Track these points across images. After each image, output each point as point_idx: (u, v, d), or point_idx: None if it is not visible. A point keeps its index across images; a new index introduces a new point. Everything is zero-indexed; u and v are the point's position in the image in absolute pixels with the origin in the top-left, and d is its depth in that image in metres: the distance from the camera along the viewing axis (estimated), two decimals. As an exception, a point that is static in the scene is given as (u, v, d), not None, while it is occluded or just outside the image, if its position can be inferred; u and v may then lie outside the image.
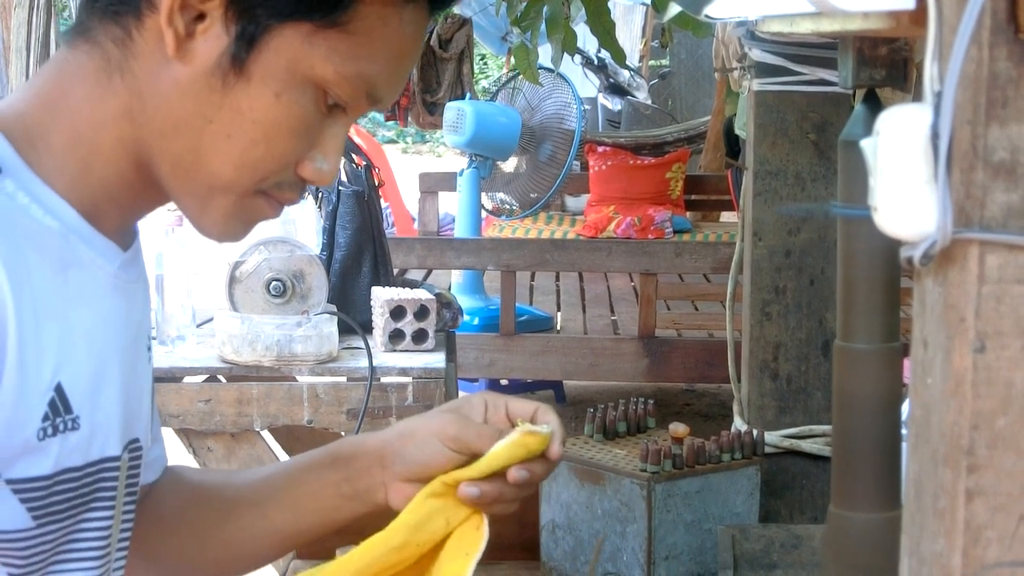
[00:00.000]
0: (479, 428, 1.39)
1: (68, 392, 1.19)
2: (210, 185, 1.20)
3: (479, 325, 5.65)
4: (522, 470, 1.36)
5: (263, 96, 1.16)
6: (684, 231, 7.34)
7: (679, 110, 11.35)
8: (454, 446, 1.38)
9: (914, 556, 0.74)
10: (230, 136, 1.17)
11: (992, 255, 0.69)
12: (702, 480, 1.93)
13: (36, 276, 1.15)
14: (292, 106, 1.17)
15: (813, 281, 2.19)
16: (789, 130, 2.18)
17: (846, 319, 1.22)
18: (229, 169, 1.18)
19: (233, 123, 1.17)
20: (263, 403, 3.14)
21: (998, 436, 0.70)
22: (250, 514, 1.47)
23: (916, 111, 0.71)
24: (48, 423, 1.17)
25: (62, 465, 1.19)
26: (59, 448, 1.19)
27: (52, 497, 1.19)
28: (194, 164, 1.19)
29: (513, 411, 1.42)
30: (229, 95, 1.16)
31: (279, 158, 1.19)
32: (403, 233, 8.01)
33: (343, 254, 3.43)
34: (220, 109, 1.17)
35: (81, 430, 1.21)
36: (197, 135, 1.18)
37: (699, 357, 5.47)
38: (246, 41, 1.15)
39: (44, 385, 1.16)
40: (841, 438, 1.25)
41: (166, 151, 1.19)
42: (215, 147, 1.18)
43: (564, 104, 6.56)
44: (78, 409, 1.20)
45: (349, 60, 1.17)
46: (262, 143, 1.18)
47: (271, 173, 1.20)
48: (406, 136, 20.67)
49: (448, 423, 1.39)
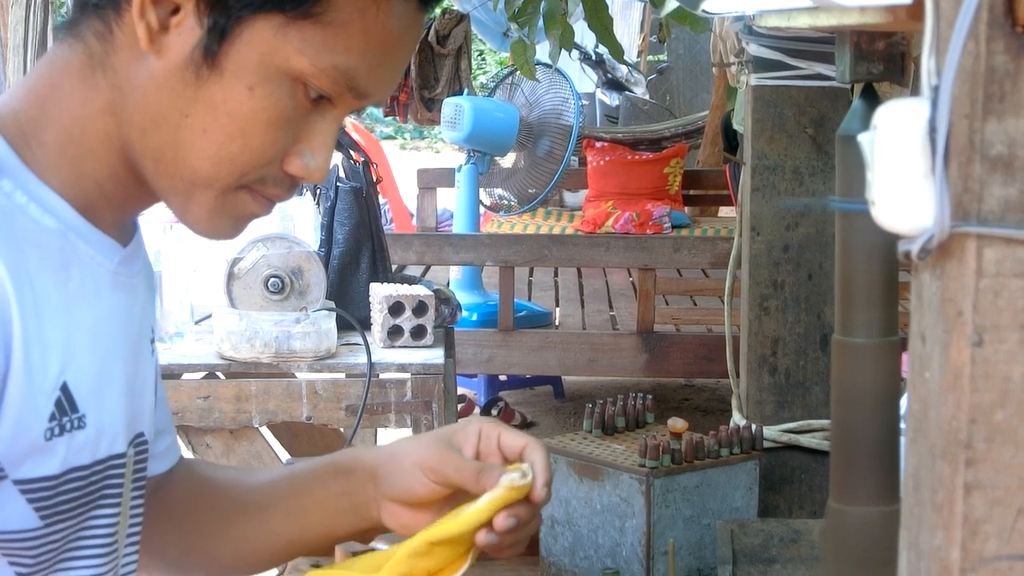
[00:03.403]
0: (459, 463, 1.36)
1: (74, 391, 1.18)
2: (191, 181, 1.19)
3: (477, 321, 5.65)
4: (509, 517, 1.33)
5: (236, 89, 1.15)
6: (682, 226, 7.34)
7: (677, 105, 11.34)
8: (434, 478, 1.37)
9: (913, 550, 0.75)
10: (205, 130, 1.16)
11: (990, 249, 0.69)
12: (701, 475, 1.93)
13: (37, 276, 1.15)
14: (267, 99, 1.16)
15: (811, 276, 2.19)
16: (787, 125, 2.18)
17: (844, 313, 1.22)
18: (207, 164, 1.17)
19: (208, 117, 1.16)
20: (262, 399, 3.14)
21: (996, 430, 0.70)
22: (256, 519, 1.47)
23: (914, 105, 0.71)
24: (55, 423, 1.17)
25: (69, 464, 1.19)
26: (66, 447, 1.18)
27: (59, 496, 1.19)
28: (173, 159, 1.18)
29: (505, 444, 1.40)
30: (203, 89, 1.15)
31: (257, 152, 1.17)
32: (401, 229, 8.01)
33: (341, 250, 3.43)
34: (195, 103, 1.15)
35: (88, 429, 1.20)
36: (174, 130, 1.17)
37: (697, 352, 5.47)
38: (218, 33, 1.14)
39: (50, 385, 1.16)
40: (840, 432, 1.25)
41: (147, 146, 1.19)
42: (192, 142, 1.17)
43: (562, 100, 6.55)
44: (84, 408, 1.20)
45: (324, 52, 1.15)
46: (238, 137, 1.16)
47: (251, 168, 1.18)
48: (404, 132, 20.66)
49: (432, 455, 1.37)
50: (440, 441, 1.39)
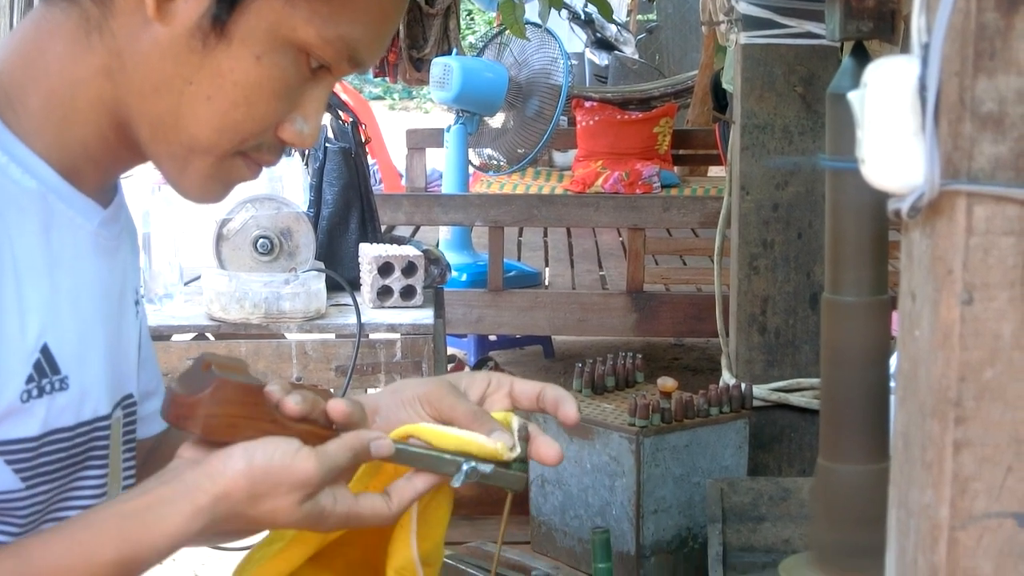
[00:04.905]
0: (456, 402, 1.34)
1: (55, 353, 1.18)
2: (189, 147, 1.19)
3: (467, 281, 5.64)
4: None
5: (244, 58, 1.15)
6: (672, 186, 7.33)
7: (666, 64, 11.31)
8: (430, 411, 1.36)
9: (902, 508, 0.75)
10: (210, 98, 1.16)
11: (980, 207, 0.69)
12: (691, 434, 1.94)
13: (17, 237, 1.15)
14: (273, 68, 1.16)
15: (801, 234, 2.19)
16: (776, 83, 2.18)
17: (834, 272, 1.22)
18: (209, 131, 1.18)
19: (213, 85, 1.16)
20: (252, 360, 3.14)
21: (985, 388, 0.70)
22: None
23: (904, 63, 0.71)
24: (33, 384, 1.17)
25: (51, 426, 1.19)
26: (46, 409, 1.18)
27: (41, 459, 1.19)
28: (174, 126, 1.18)
29: (517, 391, 1.39)
30: (209, 57, 1.15)
31: (260, 120, 1.18)
32: (390, 190, 7.98)
33: (330, 211, 3.42)
34: (200, 71, 1.16)
35: (70, 390, 1.20)
36: (177, 97, 1.17)
37: (687, 311, 5.47)
38: (227, 3, 1.14)
39: (29, 347, 1.16)
40: (829, 391, 1.25)
41: (145, 112, 1.19)
42: (195, 109, 1.17)
43: (551, 59, 6.53)
44: (66, 369, 1.20)
45: (331, 23, 1.16)
46: (243, 105, 1.17)
47: (251, 135, 1.19)
48: (393, 92, 20.61)
49: (432, 390, 1.36)
50: (444, 381, 1.39)
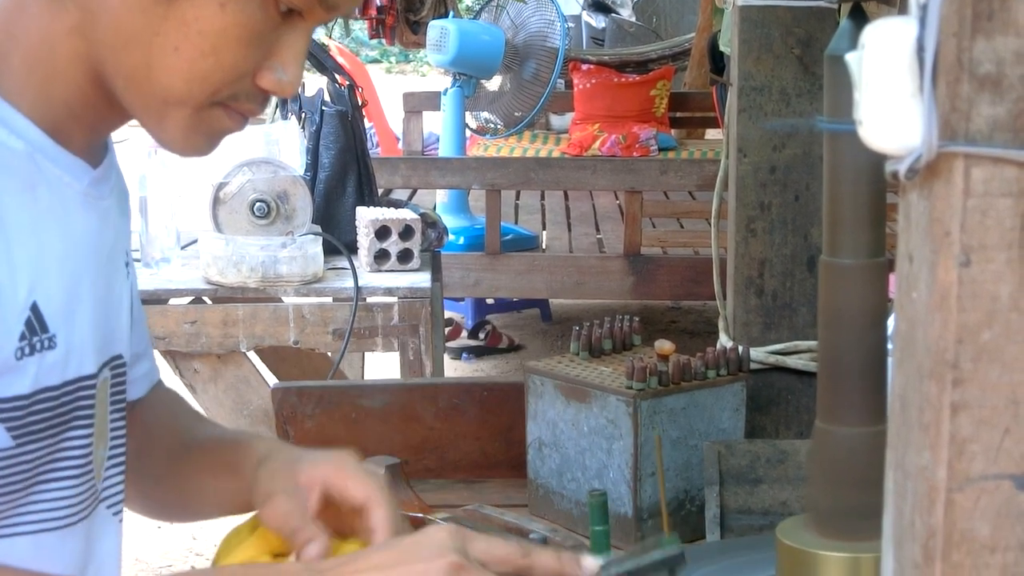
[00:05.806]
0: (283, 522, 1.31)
1: (44, 311, 1.18)
2: (164, 99, 1.18)
3: (464, 244, 5.65)
4: None
5: (207, 6, 1.14)
6: (669, 148, 7.33)
7: (663, 27, 11.27)
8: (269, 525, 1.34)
9: (899, 470, 0.75)
10: (177, 49, 1.16)
11: (977, 168, 0.69)
12: (688, 397, 1.94)
13: (4, 197, 1.15)
14: (238, 15, 1.15)
15: (798, 197, 2.19)
16: (774, 45, 2.17)
17: (832, 235, 1.22)
18: (180, 82, 1.17)
19: (179, 35, 1.15)
20: (249, 324, 3.15)
21: (983, 349, 0.70)
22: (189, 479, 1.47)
23: (901, 24, 0.70)
24: (25, 342, 1.17)
25: (40, 384, 1.19)
26: (37, 367, 1.18)
27: (31, 417, 1.19)
28: (146, 78, 1.17)
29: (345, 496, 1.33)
30: (173, 7, 1.14)
31: (230, 69, 1.17)
32: (387, 153, 7.97)
33: (327, 174, 3.42)
34: (165, 21, 1.15)
35: (58, 349, 1.20)
36: (146, 49, 1.16)
37: (684, 274, 5.47)
38: None
39: (20, 304, 1.16)
40: (827, 353, 1.25)
41: (119, 66, 1.18)
42: (164, 60, 1.16)
43: (548, 22, 6.52)
44: (54, 328, 1.20)
45: None
46: (210, 54, 1.16)
47: (224, 84, 1.18)
48: (390, 55, 20.55)
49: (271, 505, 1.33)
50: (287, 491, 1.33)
